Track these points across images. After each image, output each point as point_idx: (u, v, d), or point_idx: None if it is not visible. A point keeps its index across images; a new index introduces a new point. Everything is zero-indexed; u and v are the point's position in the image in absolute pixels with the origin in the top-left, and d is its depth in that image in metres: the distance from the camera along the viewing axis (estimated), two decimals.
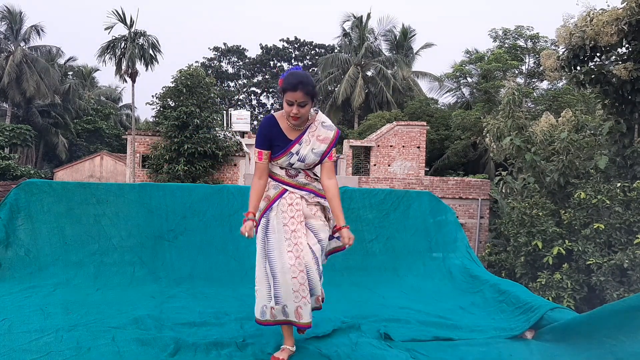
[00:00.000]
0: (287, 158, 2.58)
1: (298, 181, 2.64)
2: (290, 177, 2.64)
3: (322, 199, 2.67)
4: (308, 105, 2.51)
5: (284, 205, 2.58)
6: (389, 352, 2.80)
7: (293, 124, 2.55)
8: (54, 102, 33.11)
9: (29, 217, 3.81)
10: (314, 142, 2.59)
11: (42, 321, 2.87)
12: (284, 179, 2.63)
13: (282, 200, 2.60)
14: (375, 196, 4.61)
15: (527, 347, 3.05)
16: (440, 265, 4.46)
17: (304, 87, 2.45)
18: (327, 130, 2.63)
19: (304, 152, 2.58)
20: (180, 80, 19.72)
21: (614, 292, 9.69)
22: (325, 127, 2.64)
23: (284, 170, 2.64)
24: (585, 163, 12.50)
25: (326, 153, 2.62)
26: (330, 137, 2.62)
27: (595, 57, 11.47)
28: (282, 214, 2.57)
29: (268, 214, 2.60)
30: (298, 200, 2.60)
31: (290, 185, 2.63)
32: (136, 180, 19.61)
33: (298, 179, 2.64)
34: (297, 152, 2.58)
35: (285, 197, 2.61)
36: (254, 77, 46.31)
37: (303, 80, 2.47)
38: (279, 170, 2.64)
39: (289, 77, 2.50)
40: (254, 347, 2.70)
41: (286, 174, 2.64)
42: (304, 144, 2.58)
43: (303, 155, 2.57)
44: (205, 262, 4.02)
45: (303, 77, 2.49)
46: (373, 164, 21.35)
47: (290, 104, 2.48)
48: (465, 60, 30.52)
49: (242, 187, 4.47)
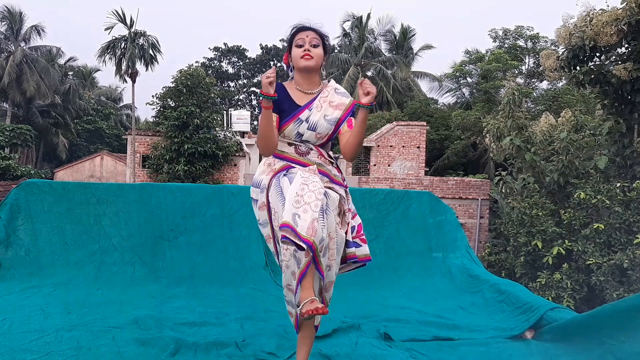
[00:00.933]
0: (295, 126, 2.23)
1: (310, 159, 2.25)
2: (301, 155, 2.26)
3: (337, 185, 2.25)
4: (320, 49, 2.25)
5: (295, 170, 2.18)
6: (389, 352, 2.80)
7: (303, 67, 2.24)
8: (54, 102, 33.08)
9: (29, 217, 3.81)
10: (327, 108, 2.26)
11: (42, 321, 2.87)
12: (293, 156, 2.25)
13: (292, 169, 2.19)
14: (375, 196, 4.61)
15: (527, 347, 3.06)
16: (440, 265, 4.47)
17: (315, 27, 2.26)
18: (342, 96, 2.31)
19: (314, 118, 2.23)
20: (181, 81, 19.72)
21: (613, 292, 9.69)
22: (339, 93, 2.32)
23: (293, 146, 2.27)
24: (585, 163, 12.50)
25: (341, 120, 2.25)
26: (345, 104, 2.29)
27: (595, 57, 11.48)
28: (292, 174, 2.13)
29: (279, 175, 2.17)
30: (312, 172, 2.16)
31: (301, 163, 2.23)
32: (136, 180, 19.61)
33: (310, 157, 2.26)
34: (306, 119, 2.23)
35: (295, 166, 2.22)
36: (254, 77, 46.28)
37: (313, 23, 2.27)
38: (287, 148, 2.27)
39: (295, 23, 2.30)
40: (254, 347, 2.71)
41: (296, 150, 2.27)
42: (314, 110, 2.24)
43: (314, 122, 2.22)
44: (206, 262, 4.02)
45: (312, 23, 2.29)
46: (373, 164, 21.35)
47: (301, 44, 2.24)
48: (465, 60, 30.51)
49: (242, 187, 4.47)
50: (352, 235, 2.25)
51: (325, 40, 2.27)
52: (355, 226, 2.28)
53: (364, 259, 2.28)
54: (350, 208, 2.29)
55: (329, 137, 2.28)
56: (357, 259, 2.26)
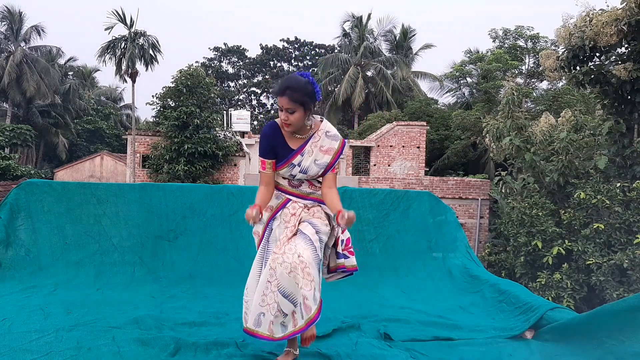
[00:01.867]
0: (289, 169, 2.49)
1: (302, 191, 2.55)
2: (294, 187, 2.55)
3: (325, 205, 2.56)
4: (298, 113, 2.37)
5: (287, 215, 2.50)
6: (389, 352, 2.80)
7: (286, 130, 2.44)
8: (54, 102, 33.08)
9: (29, 217, 3.82)
10: (317, 153, 2.47)
11: (42, 321, 2.87)
12: (287, 188, 2.56)
13: (285, 210, 2.52)
14: (375, 196, 4.61)
15: (527, 347, 3.06)
16: (440, 265, 4.46)
17: (291, 93, 2.33)
18: (332, 140, 2.50)
19: (306, 163, 2.47)
20: (181, 81, 19.72)
21: (613, 292, 9.69)
22: (329, 136, 2.50)
23: (286, 180, 2.56)
24: (585, 163, 12.51)
25: (331, 165, 2.49)
26: (334, 148, 2.50)
27: (594, 57, 11.48)
28: (284, 224, 2.48)
29: (272, 223, 2.53)
30: (301, 210, 2.51)
31: (294, 195, 2.54)
32: (136, 180, 19.61)
33: (302, 188, 2.55)
34: (298, 164, 2.47)
35: (288, 206, 2.52)
36: (254, 77, 46.30)
37: (291, 85, 2.35)
38: (282, 180, 2.57)
39: (281, 80, 2.44)
40: (254, 347, 2.70)
41: (289, 184, 2.56)
42: (306, 155, 2.47)
43: (305, 167, 2.47)
44: (205, 262, 4.02)
45: (293, 82, 2.37)
46: (373, 164, 21.35)
47: (280, 109, 2.40)
48: (466, 60, 30.50)
49: (242, 187, 4.47)
50: (341, 248, 2.59)
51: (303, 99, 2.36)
52: (344, 240, 2.60)
53: (352, 269, 2.63)
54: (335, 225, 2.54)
55: (318, 177, 2.54)
56: (345, 269, 2.62)
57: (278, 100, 2.38)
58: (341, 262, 2.60)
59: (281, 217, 2.51)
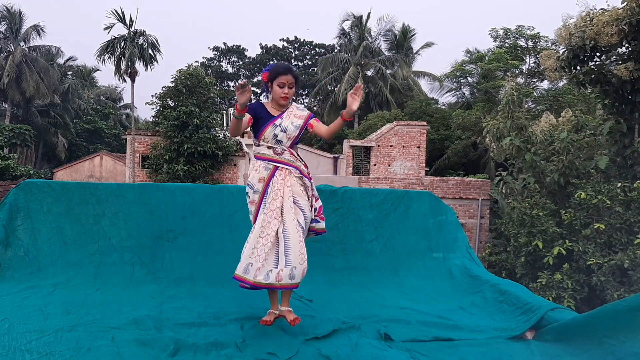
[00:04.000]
0: (272, 129, 3.08)
1: (284, 158, 3.09)
2: (278, 155, 3.08)
3: (306, 178, 3.11)
4: (294, 88, 3.10)
5: (278, 183, 3.02)
6: (389, 352, 2.79)
7: (282, 104, 3.09)
8: (54, 102, 33.09)
9: (28, 217, 3.80)
10: (292, 118, 3.15)
11: (41, 321, 2.86)
12: (272, 157, 3.08)
13: (275, 178, 3.03)
14: (375, 196, 4.60)
15: (528, 347, 3.05)
16: (441, 265, 4.45)
17: (293, 72, 3.07)
18: (302, 111, 3.22)
19: (285, 124, 3.10)
20: (180, 80, 19.72)
21: (614, 293, 9.68)
22: (299, 109, 3.22)
23: (271, 149, 3.09)
24: (586, 163, 12.49)
25: (303, 126, 3.15)
26: (304, 115, 3.20)
27: (595, 57, 11.47)
28: (277, 191, 2.99)
29: (266, 198, 2.99)
30: (288, 176, 3.05)
31: (278, 162, 3.07)
32: (136, 180, 19.60)
33: (284, 156, 3.09)
34: (279, 125, 3.10)
35: (277, 175, 3.04)
36: (254, 77, 46.30)
37: (290, 66, 3.14)
38: (266, 150, 3.09)
39: (277, 65, 3.10)
40: (253, 348, 2.70)
41: (274, 152, 3.09)
42: (284, 118, 3.12)
43: (285, 126, 3.09)
44: (205, 262, 4.01)
45: (288, 65, 3.19)
46: (373, 164, 21.34)
47: (281, 86, 3.05)
48: (466, 60, 30.49)
49: (242, 187, 4.44)
50: (314, 214, 3.17)
51: (298, 77, 3.14)
52: (317, 207, 3.20)
53: (320, 231, 3.24)
54: (314, 194, 3.18)
55: (295, 139, 3.13)
56: (316, 231, 3.22)
57: (280, 79, 3.03)
58: (312, 226, 3.16)
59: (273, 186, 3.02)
